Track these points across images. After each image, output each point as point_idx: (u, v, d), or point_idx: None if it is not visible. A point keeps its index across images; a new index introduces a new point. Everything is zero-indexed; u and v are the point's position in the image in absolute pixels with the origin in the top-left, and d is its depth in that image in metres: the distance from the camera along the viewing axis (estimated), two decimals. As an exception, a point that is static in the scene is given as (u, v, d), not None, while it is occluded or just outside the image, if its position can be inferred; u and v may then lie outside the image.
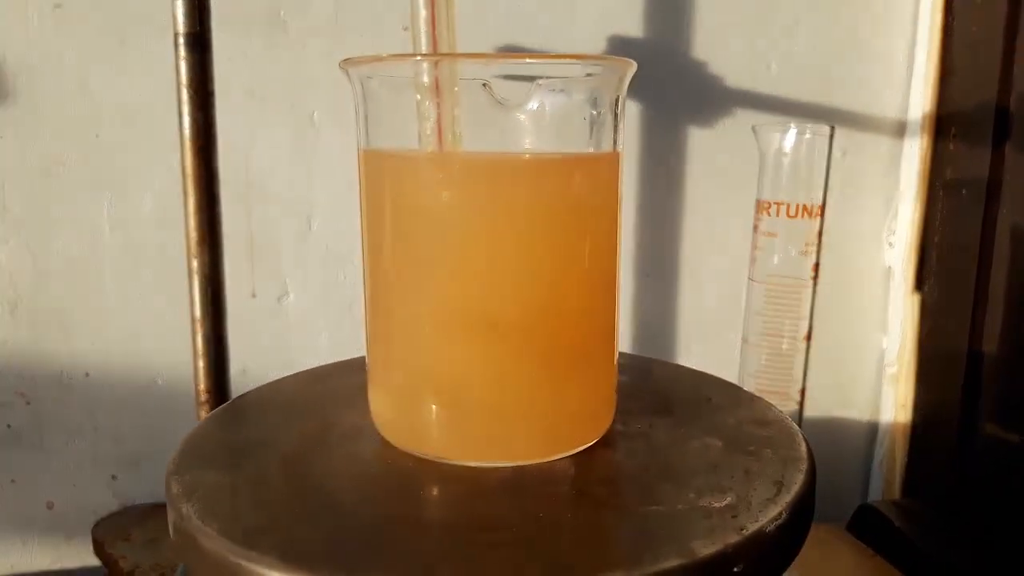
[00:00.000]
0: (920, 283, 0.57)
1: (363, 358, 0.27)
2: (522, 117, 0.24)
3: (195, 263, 0.42)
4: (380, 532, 0.21)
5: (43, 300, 0.50)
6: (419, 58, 0.25)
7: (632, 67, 0.25)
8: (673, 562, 0.20)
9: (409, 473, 0.24)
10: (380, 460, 0.25)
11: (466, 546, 0.21)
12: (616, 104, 0.25)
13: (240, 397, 0.31)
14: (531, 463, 0.24)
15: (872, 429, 0.61)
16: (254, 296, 0.53)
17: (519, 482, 0.24)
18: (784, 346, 0.45)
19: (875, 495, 0.59)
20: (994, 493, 0.51)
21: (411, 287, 0.25)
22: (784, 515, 0.22)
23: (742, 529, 0.21)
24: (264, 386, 0.32)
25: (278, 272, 0.53)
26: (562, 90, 0.24)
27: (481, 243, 0.24)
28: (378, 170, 0.25)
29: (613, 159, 0.26)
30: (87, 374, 0.52)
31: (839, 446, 0.61)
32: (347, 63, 0.24)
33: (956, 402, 0.53)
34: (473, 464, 0.24)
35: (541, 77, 0.24)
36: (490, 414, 0.24)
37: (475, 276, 0.24)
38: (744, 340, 0.46)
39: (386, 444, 0.26)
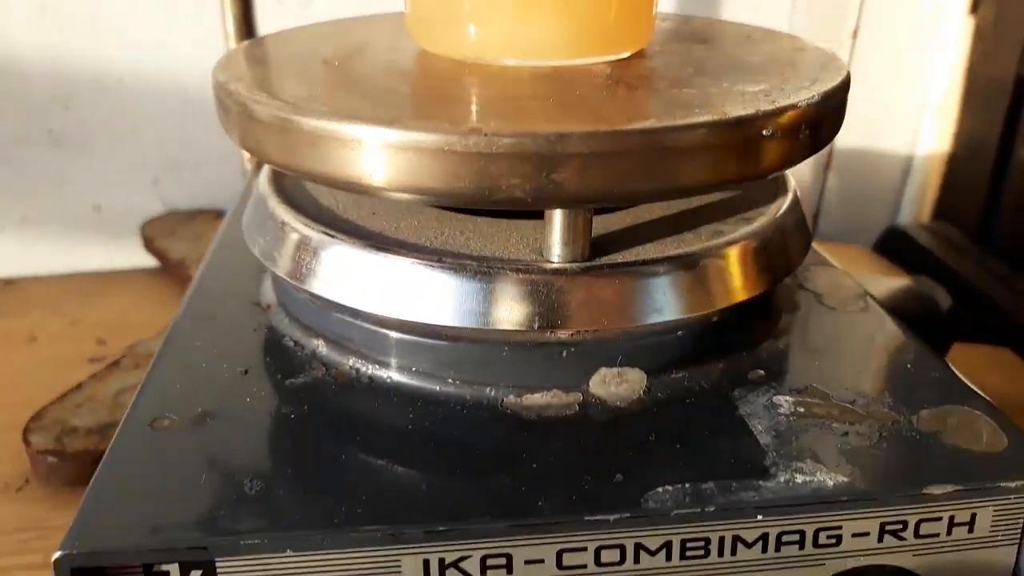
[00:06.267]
0: (976, 5, 0.54)
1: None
2: None
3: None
4: (424, 101, 0.22)
5: (71, 2, 0.50)
6: None
7: None
8: (705, 117, 0.20)
9: (447, 72, 0.25)
10: (418, 63, 0.26)
11: (513, 100, 0.21)
12: None
13: (278, 32, 0.31)
14: (567, 63, 0.25)
15: (908, 160, 0.60)
16: (280, 2, 0.52)
17: (556, 76, 0.24)
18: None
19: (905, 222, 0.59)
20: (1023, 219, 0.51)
21: None
22: (816, 98, 0.22)
23: (774, 102, 0.21)
24: (303, 26, 0.31)
25: (306, -27, 0.51)
26: None
27: None
28: None
29: None
30: (121, 79, 0.52)
31: (873, 175, 0.60)
32: None
33: (996, 130, 0.52)
34: (510, 63, 0.25)
35: None
36: (525, 12, 0.24)
37: None
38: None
39: (425, 53, 0.26)
